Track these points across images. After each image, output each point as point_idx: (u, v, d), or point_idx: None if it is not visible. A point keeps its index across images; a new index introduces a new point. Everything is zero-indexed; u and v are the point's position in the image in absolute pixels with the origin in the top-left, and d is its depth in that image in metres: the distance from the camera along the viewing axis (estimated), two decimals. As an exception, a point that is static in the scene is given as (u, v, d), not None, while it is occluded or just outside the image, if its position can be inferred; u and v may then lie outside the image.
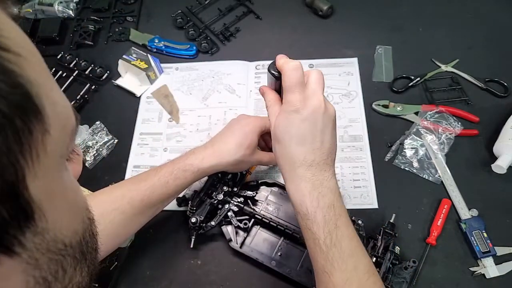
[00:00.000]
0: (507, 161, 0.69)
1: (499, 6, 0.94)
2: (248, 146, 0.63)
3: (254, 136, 0.64)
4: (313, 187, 0.49)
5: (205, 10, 1.01)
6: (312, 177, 0.49)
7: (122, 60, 0.88)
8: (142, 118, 0.86)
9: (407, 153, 0.75)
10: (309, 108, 0.48)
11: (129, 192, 0.58)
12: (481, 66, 0.85)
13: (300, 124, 0.48)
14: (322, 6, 0.94)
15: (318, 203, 0.48)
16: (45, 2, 1.02)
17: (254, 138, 0.64)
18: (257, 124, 0.65)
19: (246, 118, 0.67)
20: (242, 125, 0.65)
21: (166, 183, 0.59)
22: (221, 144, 0.63)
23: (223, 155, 0.62)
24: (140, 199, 0.58)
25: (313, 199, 0.48)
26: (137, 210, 0.58)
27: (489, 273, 0.64)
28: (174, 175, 0.60)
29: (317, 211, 0.48)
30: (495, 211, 0.69)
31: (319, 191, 0.48)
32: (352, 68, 0.88)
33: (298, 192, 0.49)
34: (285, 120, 0.49)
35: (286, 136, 0.49)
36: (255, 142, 0.64)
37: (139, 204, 0.58)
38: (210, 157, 0.62)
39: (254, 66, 0.90)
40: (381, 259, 0.61)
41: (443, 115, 0.78)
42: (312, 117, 0.48)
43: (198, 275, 0.68)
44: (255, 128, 0.64)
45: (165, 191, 0.60)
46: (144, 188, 0.59)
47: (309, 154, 0.49)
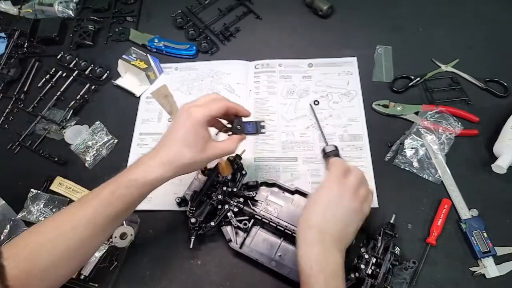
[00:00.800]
0: (507, 161, 0.69)
1: (499, 6, 0.94)
2: (196, 144, 0.57)
3: (200, 130, 0.57)
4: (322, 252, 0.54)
5: (205, 10, 1.01)
6: (322, 246, 0.54)
7: (122, 60, 0.88)
8: (142, 118, 0.86)
9: (407, 153, 0.75)
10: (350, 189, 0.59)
11: (72, 217, 0.53)
12: (481, 66, 0.85)
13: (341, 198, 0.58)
14: (322, 6, 0.94)
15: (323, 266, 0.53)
16: (45, 2, 1.02)
17: (202, 133, 0.57)
18: (201, 115, 0.56)
19: (186, 110, 0.57)
20: (184, 122, 0.57)
21: (110, 204, 0.54)
22: (165, 150, 0.56)
23: (170, 162, 0.56)
24: (84, 224, 0.53)
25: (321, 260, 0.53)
26: (84, 234, 0.53)
27: (489, 273, 0.64)
28: (116, 195, 0.54)
29: (320, 274, 0.52)
30: (495, 211, 0.69)
31: (326, 257, 0.54)
32: (352, 68, 0.88)
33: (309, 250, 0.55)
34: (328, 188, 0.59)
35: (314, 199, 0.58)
36: (204, 136, 0.58)
37: (84, 228, 0.53)
38: (155, 168, 0.56)
39: (254, 65, 0.90)
40: (381, 260, 0.61)
41: (443, 115, 0.78)
42: (347, 199, 0.58)
43: (198, 275, 0.68)
44: (199, 120, 0.56)
45: (111, 211, 0.54)
46: (87, 211, 0.53)
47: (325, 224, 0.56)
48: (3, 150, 0.84)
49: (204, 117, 0.57)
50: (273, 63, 0.90)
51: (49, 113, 0.87)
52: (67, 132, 0.84)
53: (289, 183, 0.74)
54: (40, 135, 0.85)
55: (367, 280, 0.60)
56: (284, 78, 0.88)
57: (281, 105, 0.85)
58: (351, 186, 0.59)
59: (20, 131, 0.86)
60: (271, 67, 0.90)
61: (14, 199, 0.75)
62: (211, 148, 0.58)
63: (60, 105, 0.89)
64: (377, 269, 0.60)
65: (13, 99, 0.90)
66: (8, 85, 0.93)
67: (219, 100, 0.59)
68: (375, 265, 0.61)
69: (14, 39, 0.99)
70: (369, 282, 0.60)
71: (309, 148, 0.79)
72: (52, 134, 0.85)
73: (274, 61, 0.91)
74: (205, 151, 0.58)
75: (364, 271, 0.60)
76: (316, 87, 0.86)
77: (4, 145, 0.85)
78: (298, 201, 0.70)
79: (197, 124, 0.56)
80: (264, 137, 0.81)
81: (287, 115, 0.83)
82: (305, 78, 0.88)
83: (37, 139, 0.84)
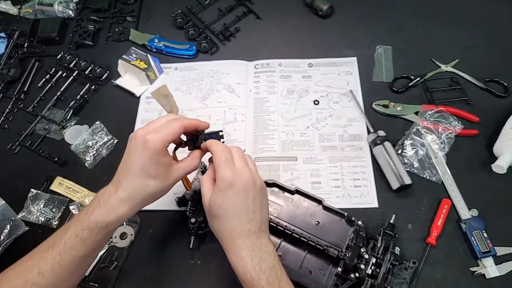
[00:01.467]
0: (507, 161, 0.69)
1: (499, 6, 0.94)
2: (158, 174, 0.53)
3: (161, 158, 0.53)
4: (254, 254, 0.52)
5: (205, 10, 1.01)
6: (251, 244, 0.53)
7: (122, 60, 0.88)
8: (142, 118, 0.86)
9: (408, 153, 0.75)
10: (240, 183, 0.53)
11: (38, 262, 0.51)
12: (481, 66, 0.85)
13: (234, 198, 0.53)
14: (322, 6, 0.94)
15: (260, 268, 0.51)
16: (45, 2, 1.02)
17: (162, 160, 0.53)
18: (159, 143, 0.52)
19: (142, 138, 0.52)
20: (142, 153, 0.52)
21: (73, 247, 0.51)
22: (126, 184, 0.53)
23: (133, 198, 0.53)
24: (50, 268, 0.50)
25: (255, 264, 0.51)
26: (52, 279, 0.50)
27: (489, 273, 0.64)
28: (80, 238, 0.51)
29: (261, 275, 0.51)
30: (495, 211, 0.69)
31: (260, 256, 0.52)
32: (352, 68, 0.88)
33: (240, 261, 0.52)
34: (220, 196, 0.53)
35: (222, 211, 0.54)
36: (166, 163, 0.54)
37: (51, 273, 0.50)
38: (117, 207, 0.53)
39: (254, 65, 0.90)
40: (381, 260, 0.61)
41: (443, 114, 0.78)
42: (243, 190, 0.53)
43: (198, 275, 0.68)
44: (157, 148, 0.52)
45: (77, 254, 0.51)
46: (52, 256, 0.51)
47: (246, 224, 0.53)
48: (3, 150, 0.84)
49: (163, 143, 0.53)
50: (273, 63, 0.90)
51: (49, 113, 0.87)
52: (67, 132, 0.84)
53: (289, 183, 0.74)
54: (40, 135, 0.85)
55: (367, 280, 0.60)
56: (284, 78, 0.88)
57: (281, 104, 0.85)
58: (245, 176, 0.54)
59: (20, 131, 0.86)
60: (271, 67, 0.90)
61: (14, 199, 0.75)
62: (174, 172, 0.56)
63: (60, 105, 0.89)
64: (377, 269, 0.60)
65: (13, 99, 0.90)
66: (8, 85, 0.93)
67: (175, 120, 0.55)
68: (375, 265, 0.61)
69: (14, 39, 0.99)
70: (369, 282, 0.60)
71: (309, 148, 0.79)
72: (52, 134, 0.85)
73: (274, 61, 0.91)
74: (169, 177, 0.55)
75: (364, 271, 0.60)
76: (316, 87, 0.86)
77: (4, 145, 0.85)
78: (298, 201, 0.70)
79: (156, 153, 0.52)
80: (264, 137, 0.81)
81: (287, 115, 0.83)
82: (305, 78, 0.88)
83: (37, 139, 0.84)
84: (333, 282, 0.62)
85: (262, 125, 0.82)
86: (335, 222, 0.67)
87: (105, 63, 0.93)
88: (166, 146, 0.54)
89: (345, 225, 0.67)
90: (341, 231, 0.66)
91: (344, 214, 0.67)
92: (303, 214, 0.68)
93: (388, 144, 0.74)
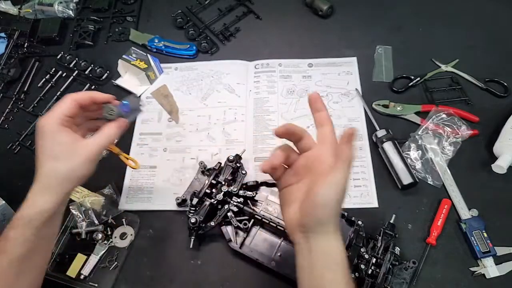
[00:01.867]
0: (507, 161, 0.69)
1: (499, 6, 0.94)
2: (61, 153, 0.51)
3: (57, 136, 0.51)
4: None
5: (205, 10, 1.01)
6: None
7: (122, 60, 0.88)
8: (142, 118, 0.86)
9: (412, 155, 0.75)
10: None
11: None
12: (481, 66, 0.85)
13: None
14: (322, 6, 0.94)
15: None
16: (45, 2, 1.02)
17: (60, 138, 0.51)
18: (49, 121, 0.51)
19: (38, 123, 0.52)
20: (38, 137, 0.52)
21: (4, 251, 0.49)
22: (37, 175, 0.51)
23: (47, 185, 0.50)
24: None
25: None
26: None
27: (489, 273, 0.64)
28: (8, 239, 0.49)
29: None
30: (495, 211, 0.69)
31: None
32: (352, 68, 0.88)
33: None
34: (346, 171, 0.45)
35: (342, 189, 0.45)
36: (65, 141, 0.51)
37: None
38: (36, 198, 0.50)
39: (254, 65, 0.90)
40: (381, 260, 0.61)
41: (453, 118, 0.77)
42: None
43: (198, 275, 0.68)
44: (50, 127, 0.51)
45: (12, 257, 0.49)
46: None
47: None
48: (3, 150, 0.84)
49: (53, 121, 0.51)
50: (273, 63, 0.90)
51: (49, 113, 0.87)
52: (67, 132, 0.84)
53: (289, 183, 0.74)
54: (40, 135, 0.85)
55: (367, 280, 0.60)
56: (284, 78, 0.88)
57: (281, 104, 0.85)
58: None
59: (20, 131, 0.86)
60: (271, 67, 0.90)
61: (14, 199, 0.75)
62: (82, 148, 0.52)
63: (60, 105, 0.89)
64: (377, 269, 0.60)
65: (13, 99, 0.90)
66: (8, 85, 0.93)
67: (66, 97, 0.54)
68: (375, 265, 0.61)
69: (14, 39, 0.99)
70: (369, 282, 0.60)
71: (309, 148, 0.79)
72: (52, 134, 0.85)
73: (274, 61, 0.91)
74: (76, 154, 0.52)
75: (364, 271, 0.60)
76: (316, 87, 0.86)
77: (4, 145, 0.85)
78: (298, 201, 0.70)
79: (52, 132, 0.51)
80: (264, 137, 0.81)
81: (287, 115, 0.83)
82: (305, 78, 0.88)
83: (37, 139, 0.84)
84: (333, 282, 0.62)
85: (262, 125, 0.82)
86: (335, 222, 0.67)
87: (105, 63, 0.93)
88: (59, 123, 0.51)
89: (345, 225, 0.67)
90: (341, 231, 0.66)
91: (344, 214, 0.67)
92: (303, 214, 0.68)
93: (394, 142, 0.74)
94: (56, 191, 0.51)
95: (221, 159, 0.74)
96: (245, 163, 0.75)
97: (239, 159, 0.72)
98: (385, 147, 0.74)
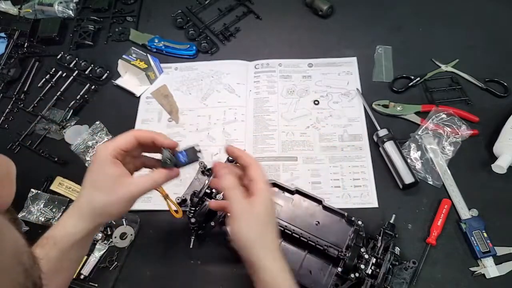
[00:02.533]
0: (507, 161, 0.69)
1: (499, 6, 0.94)
2: (103, 185, 0.50)
3: (107, 168, 0.50)
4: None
5: (205, 10, 1.01)
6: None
7: (122, 60, 0.88)
8: (142, 118, 0.86)
9: (411, 155, 0.75)
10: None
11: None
12: (481, 66, 0.85)
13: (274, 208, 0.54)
14: (322, 6, 0.94)
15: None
16: (45, 2, 1.02)
17: (108, 170, 0.50)
18: (104, 151, 0.51)
19: (96, 148, 0.53)
20: (91, 164, 0.52)
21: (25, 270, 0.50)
22: (77, 198, 0.51)
23: (80, 211, 0.50)
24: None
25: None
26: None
27: (489, 273, 0.64)
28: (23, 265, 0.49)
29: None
30: (495, 211, 0.69)
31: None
32: (352, 68, 0.88)
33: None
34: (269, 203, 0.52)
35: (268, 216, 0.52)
36: (111, 174, 0.50)
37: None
38: (65, 219, 0.50)
39: (254, 65, 0.90)
40: (381, 260, 0.61)
41: (453, 118, 0.77)
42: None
43: (198, 275, 0.68)
44: (103, 157, 0.50)
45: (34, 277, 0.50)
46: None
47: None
48: (3, 150, 0.84)
49: (107, 152, 0.50)
50: (273, 63, 0.90)
51: (49, 113, 0.87)
52: (67, 132, 0.84)
53: (289, 183, 0.74)
54: (40, 135, 0.85)
55: (367, 280, 0.60)
56: (284, 78, 0.88)
57: (281, 104, 0.85)
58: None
59: (20, 131, 0.86)
60: (271, 67, 0.90)
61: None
62: (124, 186, 0.50)
63: (60, 105, 0.89)
64: (377, 269, 0.60)
65: (13, 99, 0.90)
66: (8, 85, 0.93)
67: (129, 131, 0.54)
68: (375, 265, 0.61)
69: (14, 39, 0.99)
70: (369, 282, 0.59)
71: (309, 148, 0.79)
72: (52, 134, 0.85)
73: (274, 61, 0.91)
74: (117, 191, 0.50)
75: (364, 271, 0.60)
76: (316, 87, 0.86)
77: (4, 145, 0.85)
78: (298, 201, 0.70)
79: (102, 162, 0.50)
80: (264, 137, 0.81)
81: (287, 115, 0.83)
82: (305, 78, 0.88)
83: (37, 139, 0.84)
84: (333, 282, 0.62)
85: (262, 125, 0.82)
86: (335, 222, 0.67)
87: (105, 63, 0.93)
88: (113, 154, 0.51)
89: (345, 225, 0.67)
90: (341, 231, 0.66)
91: (344, 214, 0.67)
92: (303, 214, 0.68)
93: (395, 141, 0.74)
94: (86, 220, 0.50)
95: (221, 159, 0.74)
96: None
97: (239, 159, 0.72)
98: (386, 147, 0.74)
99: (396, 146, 0.74)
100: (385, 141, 0.74)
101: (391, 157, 0.73)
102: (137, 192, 0.51)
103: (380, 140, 0.75)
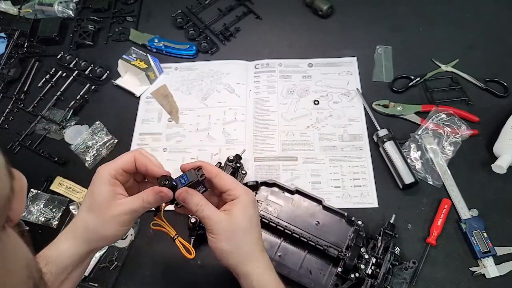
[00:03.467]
0: (507, 161, 0.69)
1: (499, 6, 0.94)
2: (97, 205, 0.48)
3: (103, 188, 0.48)
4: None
5: (205, 10, 1.01)
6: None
7: (121, 60, 0.88)
8: (142, 118, 0.86)
9: (411, 155, 0.75)
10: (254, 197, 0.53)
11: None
12: (481, 66, 0.85)
13: (255, 210, 0.52)
14: (322, 6, 0.94)
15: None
16: (45, 2, 1.02)
17: (103, 190, 0.48)
18: (103, 171, 0.50)
19: (96, 171, 0.51)
20: (91, 184, 0.50)
21: (35, 285, 0.46)
22: (76, 217, 0.50)
23: (74, 231, 0.49)
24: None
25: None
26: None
27: (489, 273, 0.64)
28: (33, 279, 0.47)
29: None
30: (495, 211, 0.69)
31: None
32: (352, 68, 0.88)
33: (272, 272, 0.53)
34: (249, 208, 0.51)
35: (249, 223, 0.51)
36: (105, 194, 0.48)
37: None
38: (59, 239, 0.49)
39: (254, 65, 0.90)
40: (381, 260, 0.61)
41: (453, 118, 0.77)
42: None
43: (198, 276, 0.68)
44: (101, 178, 0.49)
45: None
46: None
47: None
48: (3, 150, 0.84)
49: (107, 171, 0.49)
50: (273, 63, 0.90)
51: (49, 113, 0.87)
52: (67, 132, 0.84)
53: (289, 183, 0.74)
54: (40, 135, 0.85)
55: (367, 280, 0.60)
56: (284, 78, 0.88)
57: (281, 104, 0.85)
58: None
59: (20, 131, 0.86)
60: (271, 67, 0.90)
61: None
62: (115, 206, 0.48)
63: (60, 105, 0.89)
64: (377, 269, 0.60)
65: (13, 99, 0.90)
66: (8, 85, 0.93)
67: (131, 151, 0.52)
68: (375, 265, 0.61)
69: (14, 39, 0.99)
70: (369, 282, 0.60)
71: (309, 148, 0.79)
72: (52, 134, 0.85)
73: (274, 61, 0.91)
74: (108, 211, 0.48)
75: (364, 271, 0.60)
76: (316, 87, 0.86)
77: (4, 145, 0.85)
78: (298, 201, 0.70)
79: (100, 181, 0.49)
80: (264, 137, 0.81)
81: (287, 115, 0.83)
82: (305, 78, 0.88)
83: (37, 139, 0.84)
84: (333, 282, 0.62)
85: (262, 125, 0.82)
86: (335, 222, 0.67)
87: (105, 63, 0.93)
88: (111, 175, 0.49)
89: (345, 225, 0.67)
90: (341, 231, 0.66)
91: (344, 214, 0.67)
92: (303, 214, 0.68)
93: (395, 141, 0.74)
94: (80, 244, 0.49)
95: (221, 159, 0.74)
96: (245, 163, 0.75)
97: (239, 159, 0.72)
98: (386, 147, 0.74)
99: (396, 146, 0.74)
100: (385, 141, 0.74)
101: (391, 157, 0.73)
102: (126, 211, 0.48)
103: (380, 140, 0.75)
